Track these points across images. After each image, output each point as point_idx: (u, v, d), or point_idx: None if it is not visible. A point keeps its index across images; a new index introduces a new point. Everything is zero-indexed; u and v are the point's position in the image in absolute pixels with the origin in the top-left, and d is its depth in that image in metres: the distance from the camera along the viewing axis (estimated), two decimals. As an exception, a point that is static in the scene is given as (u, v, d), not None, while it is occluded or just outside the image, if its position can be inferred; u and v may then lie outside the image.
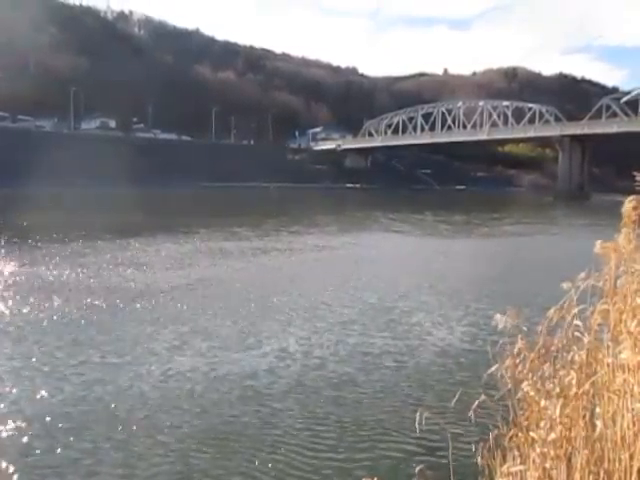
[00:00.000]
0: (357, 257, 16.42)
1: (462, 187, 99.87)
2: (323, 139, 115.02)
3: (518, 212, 43.10)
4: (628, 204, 2.74)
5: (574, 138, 79.92)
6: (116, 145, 73.37)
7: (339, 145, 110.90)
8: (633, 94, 78.28)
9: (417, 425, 2.39)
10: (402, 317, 8.80)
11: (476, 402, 2.49)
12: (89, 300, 9.45)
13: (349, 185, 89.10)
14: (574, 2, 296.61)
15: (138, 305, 9.26)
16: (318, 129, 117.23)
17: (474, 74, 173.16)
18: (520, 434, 2.41)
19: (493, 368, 2.44)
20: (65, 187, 52.23)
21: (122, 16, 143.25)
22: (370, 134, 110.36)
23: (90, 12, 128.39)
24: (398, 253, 17.53)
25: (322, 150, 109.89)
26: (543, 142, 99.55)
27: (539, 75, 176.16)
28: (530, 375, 2.40)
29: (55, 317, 8.41)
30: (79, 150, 64.78)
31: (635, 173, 3.03)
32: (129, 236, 18.72)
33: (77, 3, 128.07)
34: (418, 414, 2.42)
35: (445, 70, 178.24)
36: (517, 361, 2.42)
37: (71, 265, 12.95)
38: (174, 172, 74.04)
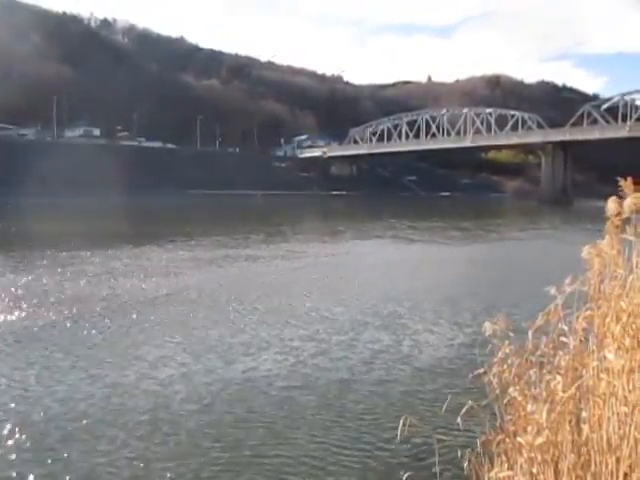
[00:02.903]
0: (343, 264, 16.42)
1: (447, 194, 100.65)
2: (309, 147, 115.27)
3: (503, 218, 43.50)
4: (611, 204, 2.76)
5: (556, 144, 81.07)
6: (100, 153, 72.77)
7: (325, 152, 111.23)
8: (613, 101, 79.68)
9: (404, 432, 2.39)
10: (389, 324, 8.80)
11: (464, 408, 2.49)
12: (71, 309, 9.32)
13: (335, 192, 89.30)
14: (553, 10, 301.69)
15: (119, 314, 9.15)
16: (304, 137, 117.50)
17: (457, 81, 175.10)
18: (507, 439, 2.41)
19: (479, 371, 2.44)
20: (48, 196, 51.65)
21: (106, 24, 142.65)
22: (355, 141, 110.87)
23: (74, 20, 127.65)
24: (385, 260, 17.55)
25: (308, 158, 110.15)
26: (526, 149, 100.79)
27: (521, 83, 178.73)
28: (517, 380, 2.41)
29: (33, 326, 8.28)
30: (63, 159, 64.13)
31: (618, 178, 3.06)
32: (113, 245, 18.55)
33: (60, 11, 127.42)
34: (402, 421, 2.41)
35: (429, 78, 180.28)
36: (504, 366, 2.43)
37: (51, 274, 12.78)
38: (159, 180, 73.72)
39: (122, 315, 9.13)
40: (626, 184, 2.72)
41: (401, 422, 2.43)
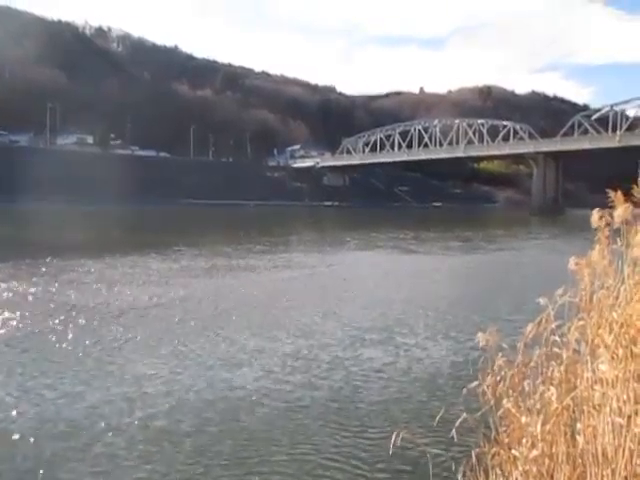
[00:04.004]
0: (336, 275, 16.39)
1: (439, 204, 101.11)
2: (302, 157, 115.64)
3: (495, 228, 43.67)
4: (595, 215, 2.78)
5: (548, 154, 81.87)
6: (93, 161, 72.73)
7: (317, 163, 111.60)
8: (603, 111, 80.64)
9: (397, 445, 2.36)
10: (381, 336, 8.76)
11: (458, 421, 2.47)
12: (59, 318, 9.22)
13: (327, 203, 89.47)
14: (541, 22, 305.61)
15: (113, 323, 9.07)
16: (297, 147, 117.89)
17: (449, 92, 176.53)
18: (502, 452, 2.40)
19: (473, 384, 2.43)
20: (40, 203, 51.35)
21: (100, 32, 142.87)
22: (348, 152, 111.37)
23: (68, 27, 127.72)
24: (377, 272, 17.53)
25: (301, 168, 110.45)
26: (518, 159, 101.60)
27: (512, 93, 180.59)
28: (511, 392, 2.40)
29: (23, 335, 8.19)
30: (55, 166, 63.94)
31: (608, 190, 3.07)
32: (104, 254, 18.42)
33: (55, 18, 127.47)
34: (395, 435, 2.39)
35: (421, 89, 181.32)
36: (498, 378, 2.42)
37: (39, 282, 12.66)
38: (152, 189, 73.63)
39: (109, 325, 9.04)
40: (616, 196, 2.74)
41: (394, 436, 2.41)
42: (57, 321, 9.13)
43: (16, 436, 4.92)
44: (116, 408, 5.59)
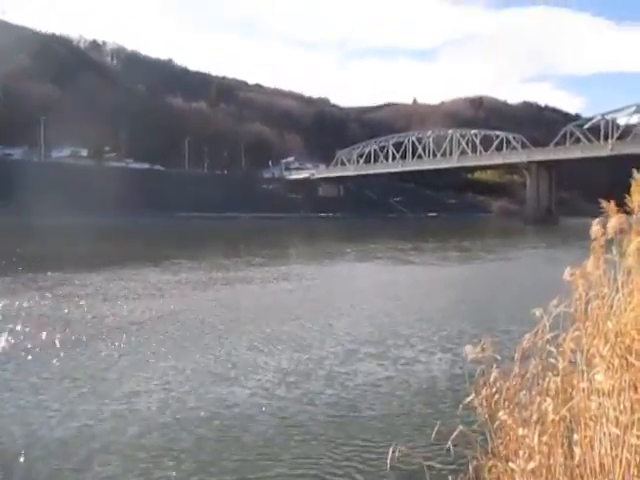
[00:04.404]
0: (333, 287, 16.37)
1: (433, 214, 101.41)
2: (296, 169, 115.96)
3: (491, 238, 43.78)
4: (595, 226, 2.79)
5: (541, 164, 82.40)
6: (88, 174, 72.65)
7: (312, 174, 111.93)
8: (594, 120, 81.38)
9: (393, 460, 2.34)
10: (379, 349, 8.72)
11: (454, 433, 2.46)
12: (55, 332, 9.15)
13: (323, 214, 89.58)
14: (531, 33, 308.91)
15: (108, 337, 9.01)
16: (291, 159, 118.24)
17: (442, 103, 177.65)
18: (499, 464, 2.38)
19: (469, 396, 2.42)
20: (35, 217, 51.10)
21: (94, 45, 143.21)
22: (343, 163, 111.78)
23: (62, 41, 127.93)
24: (375, 283, 17.53)
25: (295, 179, 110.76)
26: (511, 168, 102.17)
27: (504, 103, 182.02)
28: (507, 403, 2.39)
29: (14, 350, 8.12)
30: (50, 179, 63.79)
31: (600, 200, 3.09)
32: (100, 268, 18.35)
33: (49, 32, 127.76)
34: (392, 449, 2.37)
35: (414, 100, 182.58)
36: (494, 390, 2.42)
37: (35, 296, 12.59)
38: (147, 202, 73.46)
39: (105, 340, 8.98)
40: (609, 206, 2.75)
41: (390, 450, 2.39)
42: (51, 336, 9.06)
43: (7, 456, 4.85)
44: (109, 426, 5.52)
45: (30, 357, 7.97)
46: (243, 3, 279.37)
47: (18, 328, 9.57)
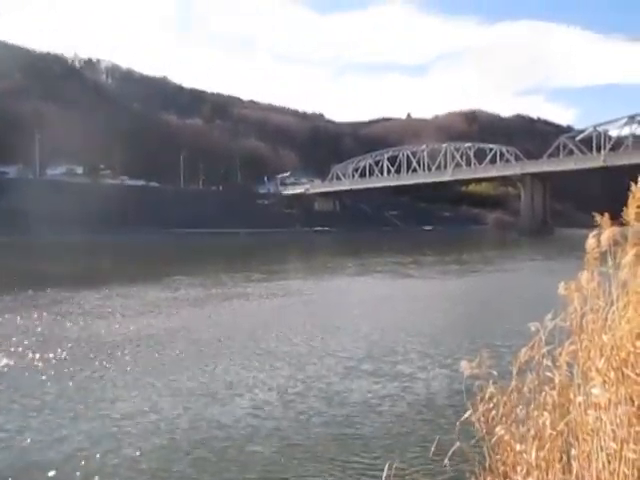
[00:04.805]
0: (331, 302, 16.32)
1: (429, 227, 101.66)
2: (292, 184, 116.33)
3: (488, 250, 43.83)
4: (591, 239, 2.80)
5: (534, 176, 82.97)
6: (83, 192, 72.59)
7: (308, 189, 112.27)
8: (587, 132, 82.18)
9: (390, 475, 2.33)
10: (376, 365, 8.68)
11: (452, 449, 2.44)
12: (50, 351, 9.08)
13: (319, 228, 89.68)
14: (522, 47, 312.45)
15: (105, 357, 8.95)
16: (286, 174, 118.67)
17: (436, 117, 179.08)
18: (497, 480, 2.38)
19: (467, 414, 2.41)
20: (30, 235, 51.01)
21: (89, 64, 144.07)
22: (338, 178, 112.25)
23: (57, 59, 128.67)
24: (369, 297, 17.50)
25: (291, 194, 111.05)
26: (505, 181, 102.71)
27: (497, 117, 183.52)
28: (504, 419, 2.39)
29: (13, 370, 8.05)
30: (45, 197, 63.73)
31: (594, 212, 3.10)
32: (96, 285, 18.28)
33: (44, 50, 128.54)
34: (388, 466, 2.35)
35: (408, 114, 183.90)
36: (491, 405, 2.41)
37: (31, 315, 12.51)
38: (143, 219, 73.41)
39: (102, 358, 8.92)
40: (602, 218, 2.77)
41: (386, 467, 2.37)
42: (46, 354, 8.99)
43: None
44: (103, 447, 5.45)
45: (25, 376, 7.90)
46: (241, 20, 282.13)
47: (12, 348, 9.50)
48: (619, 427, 2.22)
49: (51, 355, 9.01)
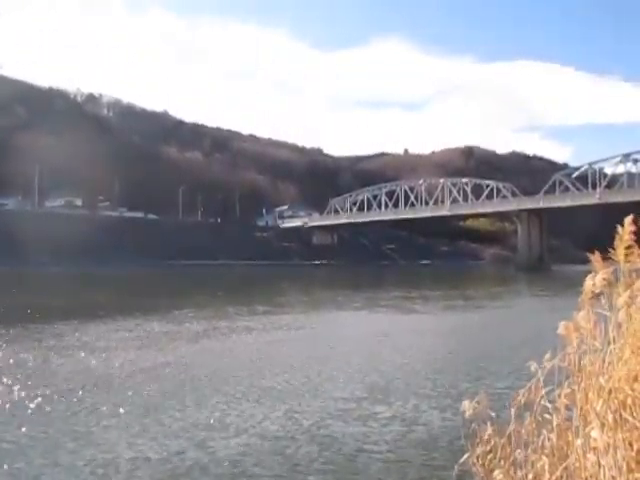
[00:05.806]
0: (330, 337, 16.19)
1: (427, 262, 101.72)
2: (290, 217, 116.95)
3: (487, 287, 43.73)
4: (589, 281, 2.81)
5: (531, 212, 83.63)
6: (82, 223, 72.78)
7: (306, 222, 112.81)
8: (582, 170, 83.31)
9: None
10: (374, 404, 8.56)
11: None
12: (44, 386, 8.96)
13: (317, 262, 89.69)
14: (518, 85, 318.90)
15: (100, 391, 8.82)
16: (285, 207, 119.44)
17: (433, 153, 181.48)
18: (496, 528, 2.33)
19: (465, 457, 2.38)
20: (29, 267, 50.83)
21: (91, 98, 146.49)
22: (336, 211, 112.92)
23: (59, 94, 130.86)
24: (367, 333, 17.35)
25: (289, 228, 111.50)
26: (502, 216, 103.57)
27: (494, 153, 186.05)
28: (502, 462, 2.36)
29: (8, 404, 7.92)
30: (44, 229, 63.84)
31: (589, 250, 3.12)
32: (94, 318, 18.13)
33: (47, 85, 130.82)
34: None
35: (406, 150, 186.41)
36: (488, 448, 2.39)
37: (29, 348, 12.37)
38: (141, 250, 73.49)
39: (97, 393, 8.79)
40: (596, 259, 2.80)
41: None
42: (41, 389, 8.87)
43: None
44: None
45: (18, 412, 7.78)
46: (242, 55, 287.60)
47: (9, 381, 9.37)
48: (619, 473, 2.19)
49: (38, 392, 8.86)
